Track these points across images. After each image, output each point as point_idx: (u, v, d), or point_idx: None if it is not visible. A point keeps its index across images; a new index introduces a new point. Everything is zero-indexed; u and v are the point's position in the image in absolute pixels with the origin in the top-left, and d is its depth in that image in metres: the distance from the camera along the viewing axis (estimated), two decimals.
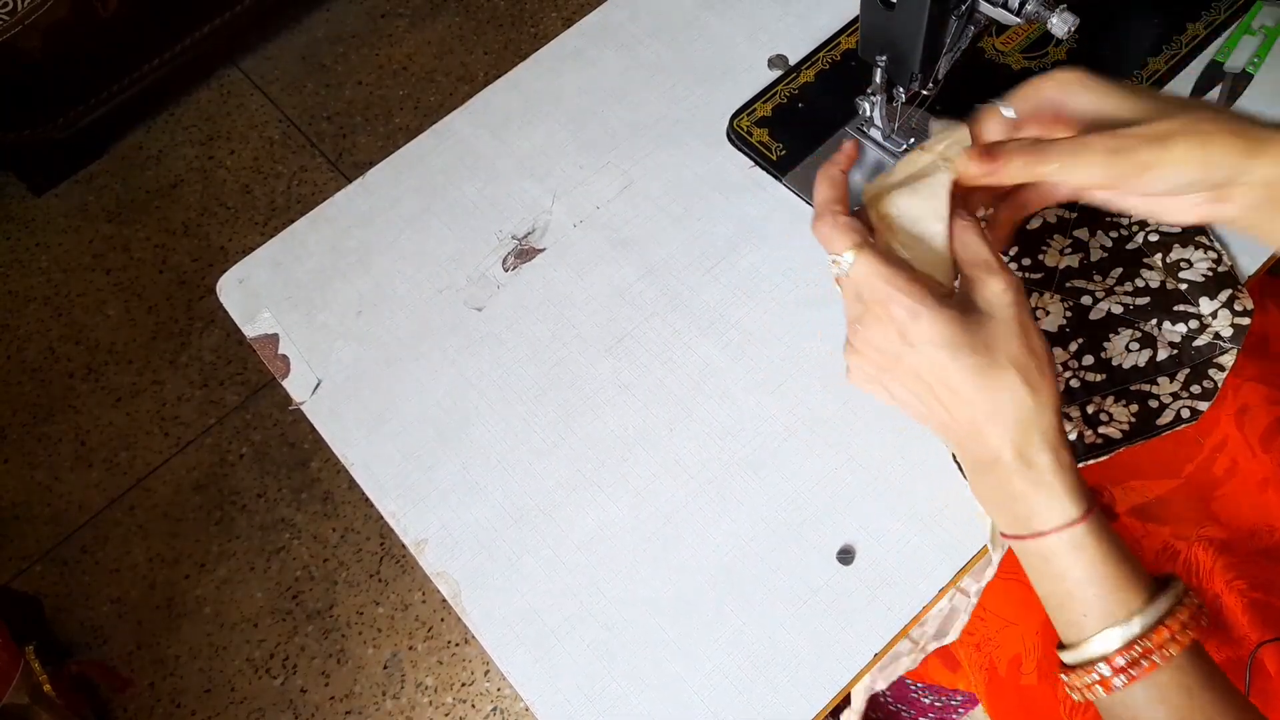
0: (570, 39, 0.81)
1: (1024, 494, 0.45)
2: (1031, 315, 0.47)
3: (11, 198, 1.71)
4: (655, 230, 0.71)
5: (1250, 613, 0.60)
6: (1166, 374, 0.61)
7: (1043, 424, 0.45)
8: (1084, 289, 0.64)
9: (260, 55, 1.83)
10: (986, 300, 0.46)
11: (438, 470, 0.64)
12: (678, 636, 0.57)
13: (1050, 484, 0.45)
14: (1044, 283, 0.64)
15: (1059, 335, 0.63)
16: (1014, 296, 0.46)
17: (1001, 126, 0.50)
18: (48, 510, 1.44)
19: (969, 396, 0.45)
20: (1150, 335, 0.62)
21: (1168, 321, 0.62)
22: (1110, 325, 0.63)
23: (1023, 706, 0.66)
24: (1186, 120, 0.44)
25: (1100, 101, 0.47)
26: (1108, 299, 0.63)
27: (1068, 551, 0.45)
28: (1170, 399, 0.60)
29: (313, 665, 1.31)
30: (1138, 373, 0.61)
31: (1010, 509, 0.47)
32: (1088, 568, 0.44)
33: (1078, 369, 0.61)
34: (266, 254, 0.74)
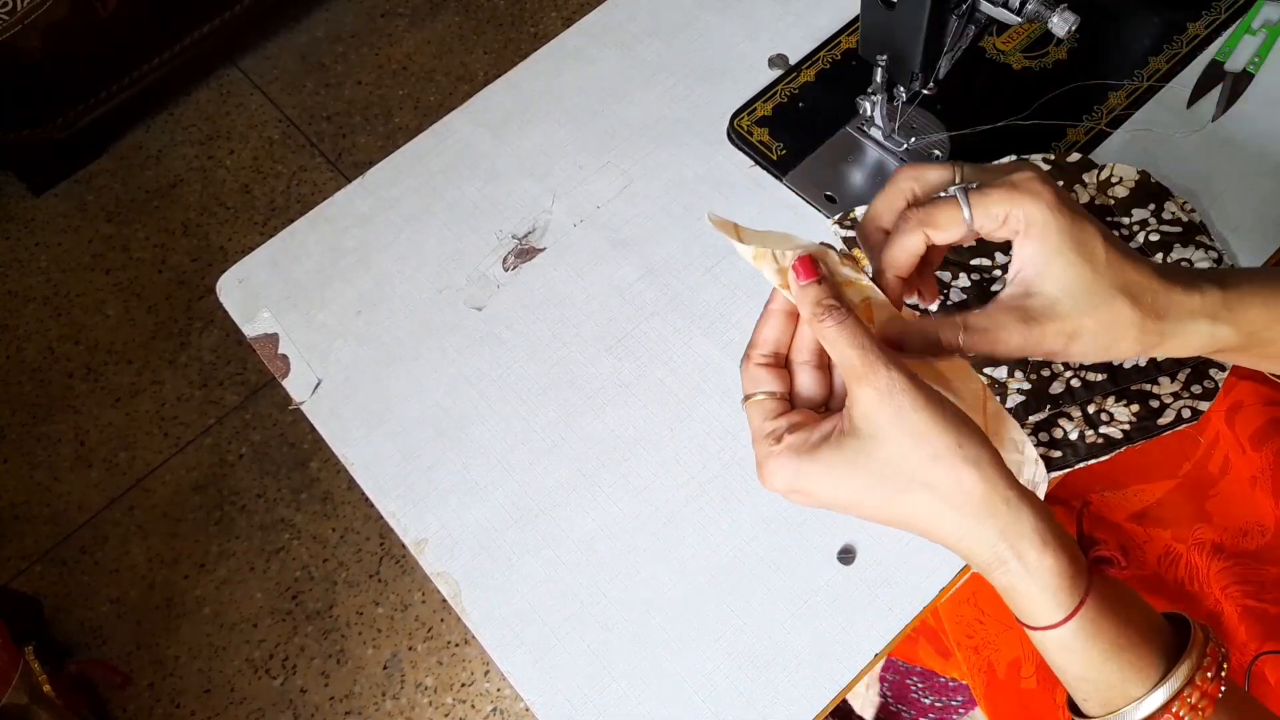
0: (570, 38, 0.81)
1: (1005, 591, 0.42)
2: (929, 409, 0.39)
3: (11, 198, 1.71)
4: (655, 230, 0.71)
5: (1246, 620, 0.60)
6: (1167, 374, 0.60)
7: (989, 529, 0.39)
8: None
9: (260, 55, 1.83)
10: (866, 418, 0.40)
11: (438, 470, 0.64)
12: (678, 636, 0.57)
13: (1024, 589, 0.40)
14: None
15: None
16: (895, 404, 0.39)
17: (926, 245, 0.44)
18: (47, 510, 1.43)
19: (896, 522, 0.41)
20: None
21: None
22: None
23: (1022, 710, 0.66)
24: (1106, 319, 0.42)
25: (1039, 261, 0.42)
26: None
27: (1057, 650, 0.42)
28: (1171, 399, 0.60)
29: (313, 665, 1.31)
30: (1139, 373, 0.61)
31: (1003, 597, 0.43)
32: (1081, 665, 0.41)
33: (1079, 369, 0.61)
34: (266, 254, 0.74)
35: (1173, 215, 0.65)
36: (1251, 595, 0.61)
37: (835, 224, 0.68)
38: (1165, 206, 0.65)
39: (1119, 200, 0.65)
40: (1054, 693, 0.64)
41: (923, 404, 0.39)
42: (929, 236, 0.44)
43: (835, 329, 0.41)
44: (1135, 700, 0.40)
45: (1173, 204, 0.65)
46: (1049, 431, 0.60)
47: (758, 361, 0.45)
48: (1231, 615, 0.61)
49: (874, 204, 0.46)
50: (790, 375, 0.45)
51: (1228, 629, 0.62)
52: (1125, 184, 0.66)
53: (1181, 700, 0.40)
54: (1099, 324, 0.42)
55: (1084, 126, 0.71)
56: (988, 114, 0.72)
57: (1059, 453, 0.60)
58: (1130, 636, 0.41)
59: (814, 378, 0.45)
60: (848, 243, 0.67)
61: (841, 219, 0.68)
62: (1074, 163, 0.67)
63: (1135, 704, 0.40)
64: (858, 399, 0.40)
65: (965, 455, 0.39)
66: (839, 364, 0.41)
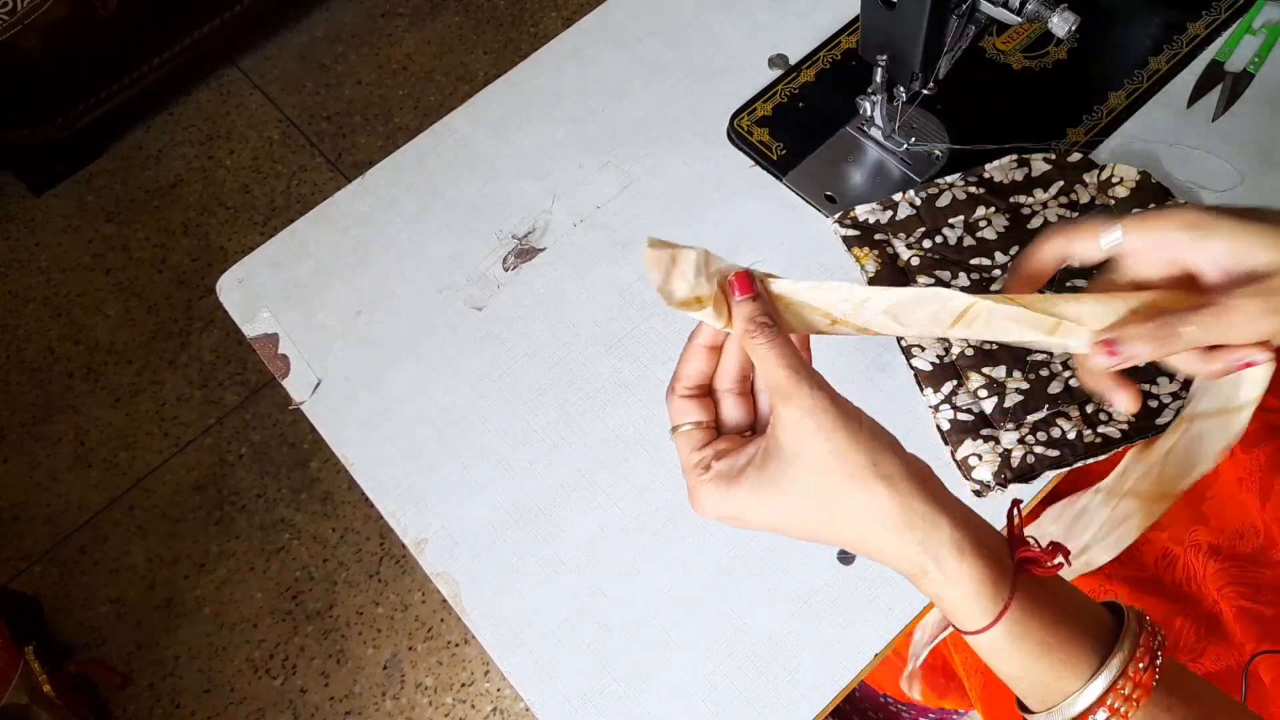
0: (570, 38, 0.81)
1: (934, 598, 0.42)
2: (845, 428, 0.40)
3: (11, 198, 1.71)
4: (655, 230, 0.71)
5: (1242, 621, 0.60)
6: (1166, 374, 0.60)
7: (907, 541, 0.40)
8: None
9: (260, 55, 1.83)
10: (788, 435, 0.40)
11: (438, 470, 0.64)
12: (678, 636, 0.57)
13: (948, 596, 0.41)
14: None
15: None
16: (814, 422, 0.40)
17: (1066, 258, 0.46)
18: (47, 510, 1.43)
19: (823, 538, 0.42)
20: None
21: None
22: None
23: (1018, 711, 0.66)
24: None
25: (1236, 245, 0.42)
26: None
27: (988, 652, 0.42)
28: (1170, 399, 0.60)
29: (313, 665, 1.31)
30: (1138, 372, 0.60)
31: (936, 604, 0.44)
32: (1013, 665, 0.42)
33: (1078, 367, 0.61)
34: (266, 254, 0.74)
35: None
36: (1247, 597, 0.61)
37: (835, 223, 0.68)
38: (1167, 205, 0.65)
39: (1120, 200, 0.65)
40: None
41: (842, 424, 0.40)
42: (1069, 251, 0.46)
43: (766, 346, 0.41)
44: (1070, 695, 0.41)
45: (1174, 204, 0.65)
46: (1047, 430, 0.60)
47: (682, 394, 0.45)
48: (1229, 616, 0.61)
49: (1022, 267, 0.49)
50: (715, 404, 0.45)
51: (1225, 630, 0.62)
52: (1126, 184, 0.66)
53: (1115, 692, 0.41)
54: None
55: (1084, 126, 0.71)
56: (988, 114, 0.72)
57: (1056, 452, 0.60)
58: (1060, 634, 0.42)
59: (738, 404, 0.45)
60: (847, 242, 0.67)
61: (841, 218, 0.68)
62: (1074, 162, 0.67)
63: (1070, 699, 0.41)
64: (782, 418, 0.40)
65: (880, 473, 0.40)
66: (766, 382, 0.41)
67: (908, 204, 0.67)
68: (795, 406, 0.40)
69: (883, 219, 0.68)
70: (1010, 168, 0.68)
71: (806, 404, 0.40)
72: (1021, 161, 0.68)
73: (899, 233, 0.67)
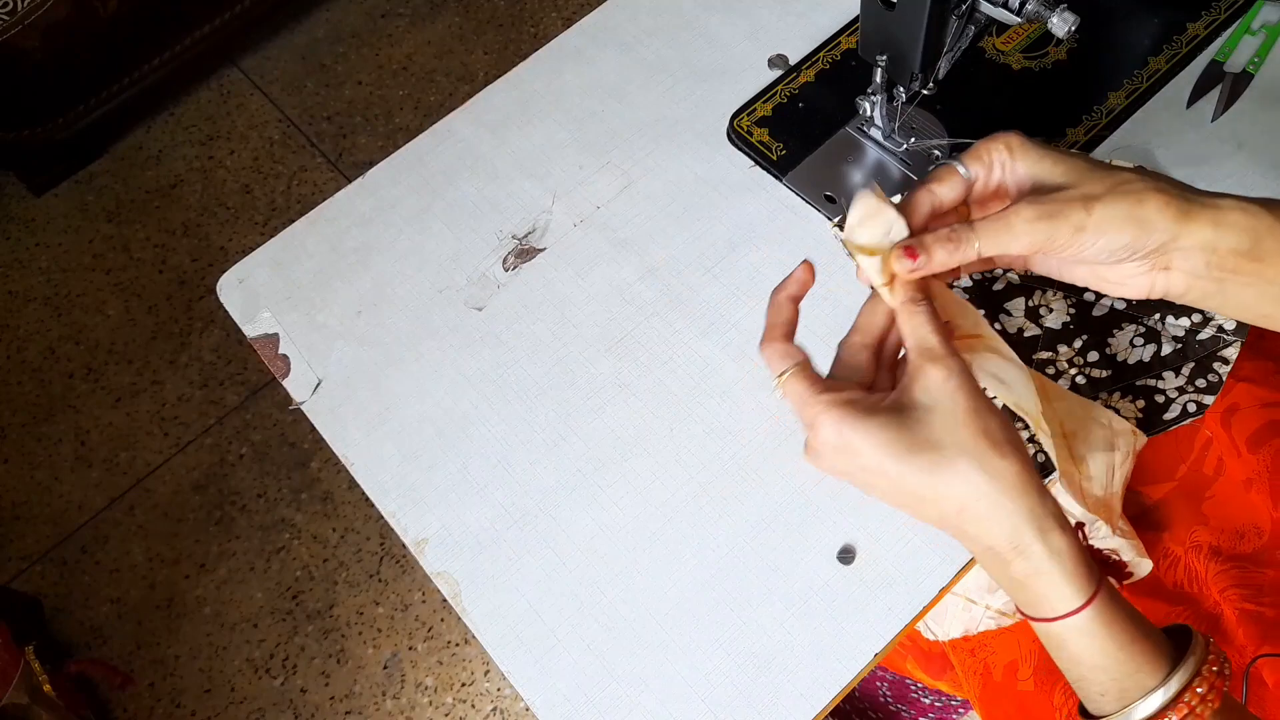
0: (570, 39, 0.81)
1: (1023, 581, 0.43)
2: (982, 397, 0.43)
3: (11, 198, 1.71)
4: (655, 230, 0.71)
5: (1244, 623, 0.60)
6: (1171, 368, 0.61)
7: (1022, 508, 0.42)
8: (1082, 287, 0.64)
9: (260, 55, 1.83)
10: (927, 391, 0.43)
11: (438, 470, 0.64)
12: (678, 636, 0.57)
13: (1047, 571, 0.42)
14: (1046, 279, 0.64)
15: (1063, 332, 0.62)
16: (957, 382, 0.43)
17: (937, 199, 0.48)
18: (48, 510, 1.44)
19: (930, 495, 0.43)
20: (1154, 330, 0.62)
21: (1170, 315, 0.62)
22: (1114, 321, 0.62)
23: (1018, 712, 0.66)
24: (1116, 182, 0.43)
25: (1035, 166, 0.46)
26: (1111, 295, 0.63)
27: (1077, 638, 0.43)
28: (1176, 393, 0.60)
29: (313, 665, 1.31)
30: (1143, 368, 0.61)
31: (1015, 593, 0.45)
32: (1099, 653, 0.43)
33: (1083, 365, 0.61)
34: (266, 254, 0.74)
35: None
36: (1249, 599, 0.61)
37: (835, 225, 0.68)
38: None
39: None
40: (1051, 695, 0.64)
41: (978, 392, 0.43)
42: (934, 193, 0.47)
43: (923, 314, 0.45)
44: (1150, 690, 0.42)
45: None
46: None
47: (779, 338, 0.49)
48: (1230, 618, 0.61)
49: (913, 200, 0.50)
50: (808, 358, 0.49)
51: (1226, 631, 0.62)
52: None
53: (1191, 691, 0.42)
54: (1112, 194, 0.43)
55: (1084, 126, 0.71)
56: (988, 114, 0.72)
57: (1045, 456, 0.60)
58: (1143, 628, 0.43)
59: (867, 359, 0.48)
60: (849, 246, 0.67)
61: (841, 221, 0.68)
62: None
63: (1150, 695, 0.42)
64: (925, 373, 0.43)
65: (1009, 438, 0.43)
66: (917, 343, 0.45)
67: None
68: (943, 366, 0.43)
69: None
70: None
71: (954, 366, 0.43)
72: None
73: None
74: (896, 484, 0.44)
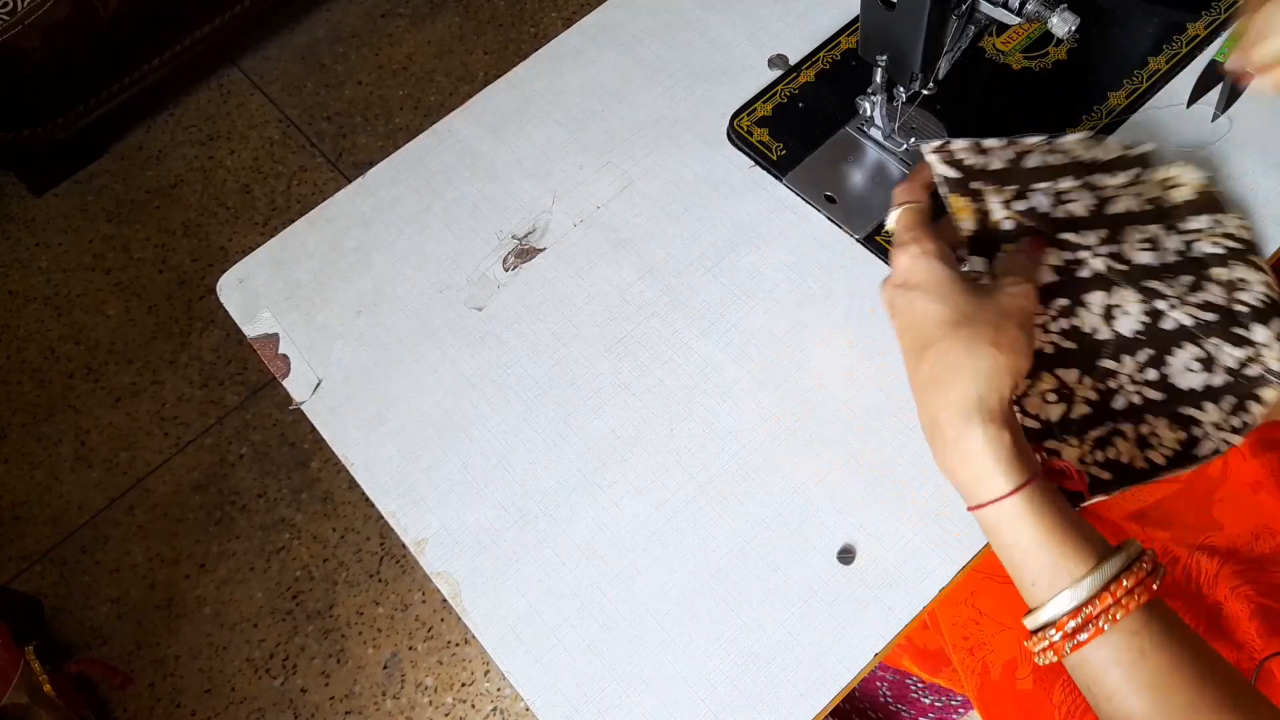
0: (570, 39, 0.81)
1: (963, 464, 0.48)
2: (1026, 315, 0.50)
3: (11, 198, 1.71)
4: (655, 230, 0.71)
5: (1258, 620, 0.60)
6: (1213, 400, 0.58)
7: (986, 392, 0.48)
8: (1160, 292, 0.59)
9: (260, 55, 1.83)
10: (997, 283, 0.50)
11: (438, 470, 0.64)
12: (678, 636, 0.57)
13: (982, 455, 0.47)
14: (1128, 277, 0.60)
15: (1133, 341, 0.59)
16: (1020, 292, 0.50)
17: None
18: (48, 510, 1.44)
19: (933, 343, 0.49)
20: (1211, 357, 0.59)
21: (1228, 344, 0.58)
22: (1178, 338, 0.59)
23: (1017, 711, 0.66)
24: None
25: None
26: (1180, 309, 0.59)
27: (1010, 521, 0.47)
28: (1212, 429, 0.58)
29: (313, 665, 1.31)
30: (1192, 396, 0.58)
31: (956, 478, 0.50)
32: (1031, 537, 0.47)
33: (1142, 383, 0.58)
34: (266, 254, 0.74)
35: (1234, 228, 0.62)
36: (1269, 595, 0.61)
37: (934, 153, 0.61)
38: (1225, 219, 0.62)
39: (1175, 206, 0.63)
40: (1050, 693, 0.64)
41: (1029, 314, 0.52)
42: None
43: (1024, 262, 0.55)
44: (1079, 579, 0.46)
45: (1232, 217, 0.63)
46: (1104, 450, 0.57)
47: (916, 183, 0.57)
48: (1241, 615, 0.61)
49: None
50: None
51: (1233, 628, 0.62)
52: (1187, 189, 0.63)
53: (1118, 583, 0.45)
54: None
55: (1084, 126, 0.71)
56: (988, 114, 0.72)
57: (1109, 474, 0.57)
58: (1074, 525, 0.47)
59: None
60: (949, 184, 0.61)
61: (940, 148, 0.61)
62: (1143, 153, 0.64)
63: (1078, 582, 0.46)
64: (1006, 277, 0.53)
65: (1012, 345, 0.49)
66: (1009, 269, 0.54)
67: (1000, 156, 0.61)
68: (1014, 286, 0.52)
69: (977, 163, 0.61)
70: (1091, 143, 0.63)
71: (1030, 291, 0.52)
72: (1095, 140, 0.63)
73: (992, 184, 0.61)
74: (919, 320, 0.50)
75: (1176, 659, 0.44)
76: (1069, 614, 0.46)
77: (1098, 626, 0.45)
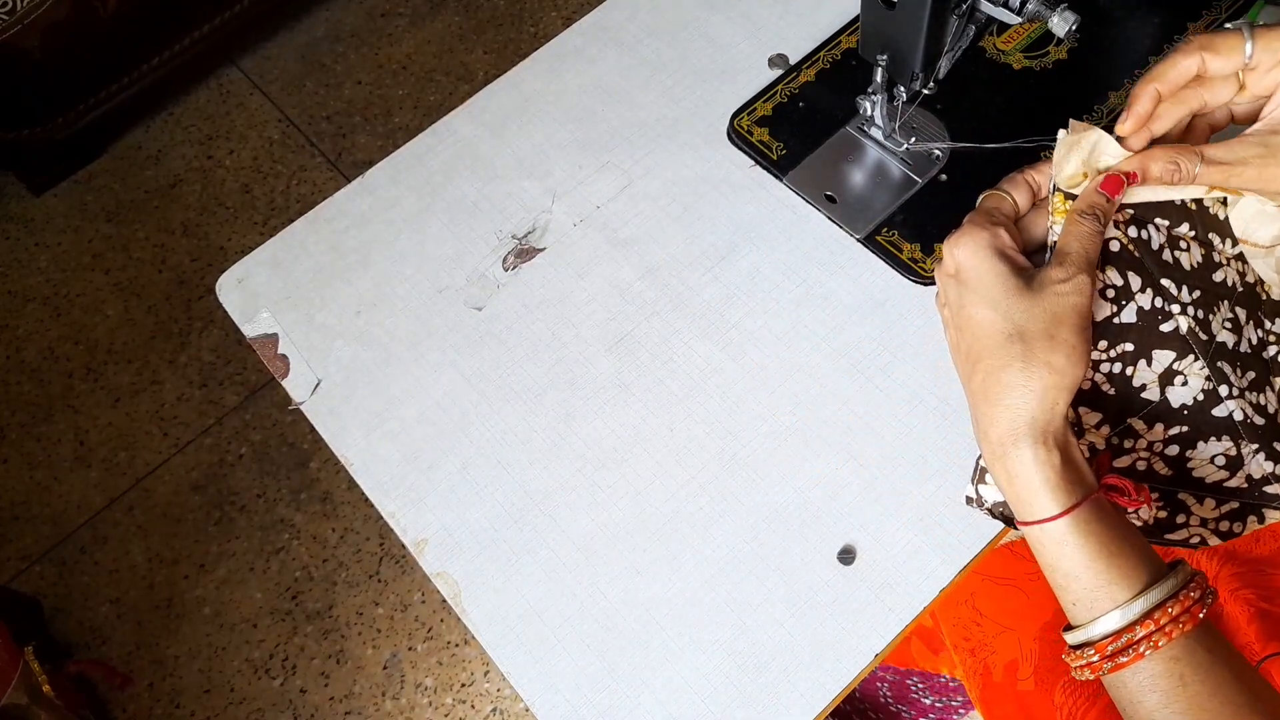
0: (570, 38, 0.81)
1: (1009, 482, 0.46)
2: (1081, 316, 0.47)
3: (11, 198, 1.71)
4: (655, 230, 0.71)
5: (1258, 623, 0.60)
6: (1218, 499, 0.54)
7: (1039, 412, 0.45)
8: (1228, 377, 0.53)
9: (260, 55, 1.83)
10: (1046, 279, 0.47)
11: (437, 470, 0.64)
12: (678, 636, 0.57)
13: (1030, 475, 0.45)
14: (1205, 349, 0.53)
15: (1176, 414, 0.52)
16: (1070, 288, 0.47)
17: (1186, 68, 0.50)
18: (47, 510, 1.43)
19: (985, 355, 0.47)
20: (1241, 460, 0.53)
21: (1262, 455, 0.52)
22: (1221, 430, 0.53)
23: (1019, 712, 0.66)
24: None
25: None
26: (1237, 400, 0.52)
27: (1054, 544, 0.45)
28: (1198, 523, 0.54)
29: (312, 665, 1.31)
30: (1199, 485, 0.53)
31: (1004, 493, 0.48)
32: (1076, 561, 0.45)
33: (1158, 455, 0.53)
34: (266, 254, 0.74)
35: None
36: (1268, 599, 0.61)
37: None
38: None
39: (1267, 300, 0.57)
40: (1051, 694, 0.64)
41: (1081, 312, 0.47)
42: (1205, 62, 0.48)
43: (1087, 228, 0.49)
44: (1120, 604, 0.44)
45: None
46: None
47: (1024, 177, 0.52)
48: (1240, 617, 0.61)
49: (1158, 65, 0.51)
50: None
51: (1233, 630, 0.62)
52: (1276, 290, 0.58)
53: (1163, 610, 0.44)
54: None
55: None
56: (988, 114, 0.72)
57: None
58: (1123, 549, 0.45)
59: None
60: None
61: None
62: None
63: (1120, 608, 0.44)
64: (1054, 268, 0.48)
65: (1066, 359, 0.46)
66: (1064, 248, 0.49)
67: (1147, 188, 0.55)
68: (1066, 271, 0.47)
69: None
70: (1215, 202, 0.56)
71: (1080, 281, 0.47)
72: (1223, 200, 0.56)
73: None
74: (974, 327, 0.47)
75: (1216, 687, 0.43)
76: (1109, 637, 0.45)
77: (1138, 652, 0.44)
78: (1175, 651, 0.44)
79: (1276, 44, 0.47)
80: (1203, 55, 0.48)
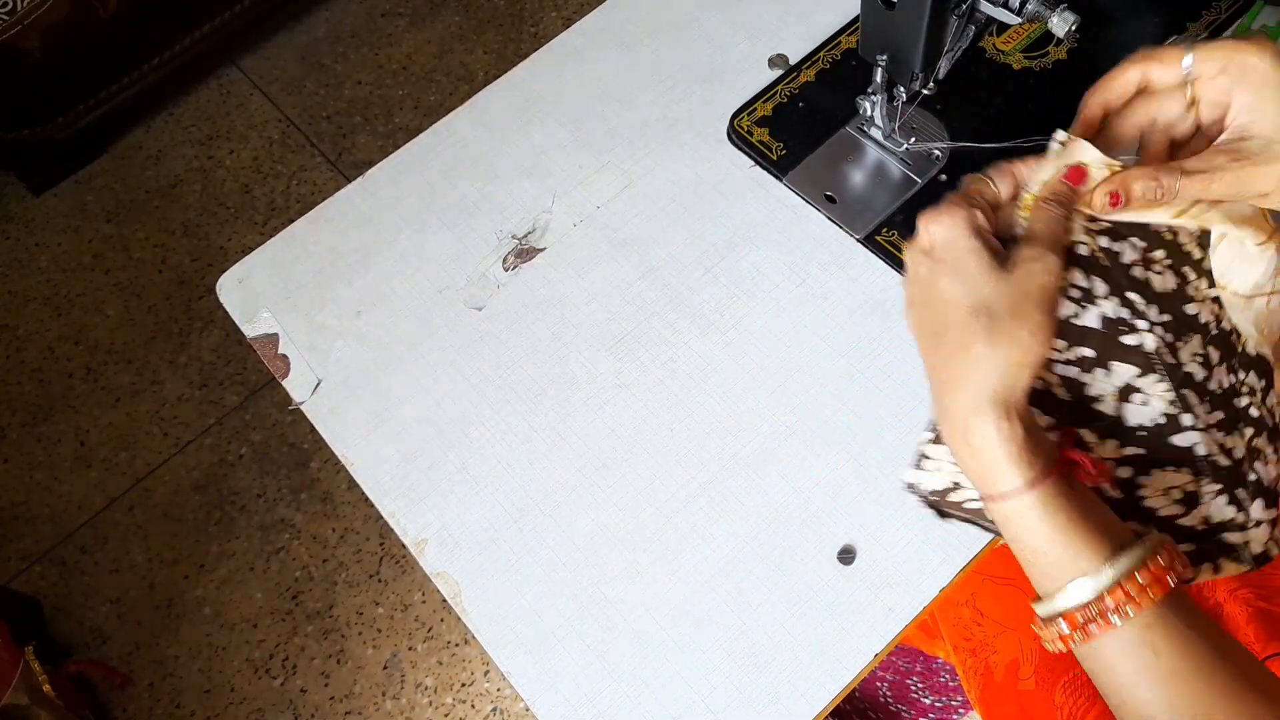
0: (570, 39, 0.81)
1: (972, 457, 0.46)
2: (1049, 296, 0.47)
3: (11, 198, 1.71)
4: (655, 230, 0.71)
5: (1256, 622, 0.60)
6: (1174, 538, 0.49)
7: (1002, 386, 0.45)
8: (1193, 408, 0.50)
9: (260, 55, 1.83)
10: (1017, 257, 0.47)
11: (437, 470, 0.64)
12: (678, 636, 0.57)
13: (994, 448, 0.45)
14: (1171, 373, 0.50)
15: (1131, 433, 0.50)
16: (1040, 268, 0.47)
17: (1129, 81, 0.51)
18: (47, 510, 1.43)
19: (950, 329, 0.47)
20: (1198, 498, 0.50)
21: (1224, 499, 0.50)
22: (1181, 461, 0.50)
23: (1019, 712, 0.66)
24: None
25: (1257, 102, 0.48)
26: (1203, 434, 0.49)
27: (1019, 517, 0.45)
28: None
29: (313, 665, 1.31)
30: (1152, 519, 0.51)
31: (967, 468, 0.48)
32: (1042, 533, 0.45)
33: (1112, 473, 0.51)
34: (266, 254, 0.74)
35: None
36: (1265, 598, 0.61)
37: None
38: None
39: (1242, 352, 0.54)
40: (1052, 694, 0.64)
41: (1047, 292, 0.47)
42: (1148, 73, 0.49)
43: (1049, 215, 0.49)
44: (1088, 573, 0.44)
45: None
46: None
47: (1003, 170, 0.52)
48: (1239, 616, 0.61)
49: (1104, 77, 0.51)
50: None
51: (1231, 629, 0.62)
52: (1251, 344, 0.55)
53: (1131, 579, 0.44)
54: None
55: None
56: (988, 114, 0.72)
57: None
58: (1088, 523, 0.45)
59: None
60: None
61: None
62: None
63: (1083, 579, 0.44)
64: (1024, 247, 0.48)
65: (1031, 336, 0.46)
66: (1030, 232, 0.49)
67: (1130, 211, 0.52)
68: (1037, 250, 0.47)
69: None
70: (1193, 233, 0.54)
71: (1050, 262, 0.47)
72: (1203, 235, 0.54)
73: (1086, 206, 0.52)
74: (942, 302, 0.47)
75: (1188, 650, 0.44)
76: (1077, 608, 0.45)
77: (1108, 621, 0.44)
78: (1148, 619, 0.44)
79: (1214, 53, 0.48)
80: (1145, 65, 0.49)
